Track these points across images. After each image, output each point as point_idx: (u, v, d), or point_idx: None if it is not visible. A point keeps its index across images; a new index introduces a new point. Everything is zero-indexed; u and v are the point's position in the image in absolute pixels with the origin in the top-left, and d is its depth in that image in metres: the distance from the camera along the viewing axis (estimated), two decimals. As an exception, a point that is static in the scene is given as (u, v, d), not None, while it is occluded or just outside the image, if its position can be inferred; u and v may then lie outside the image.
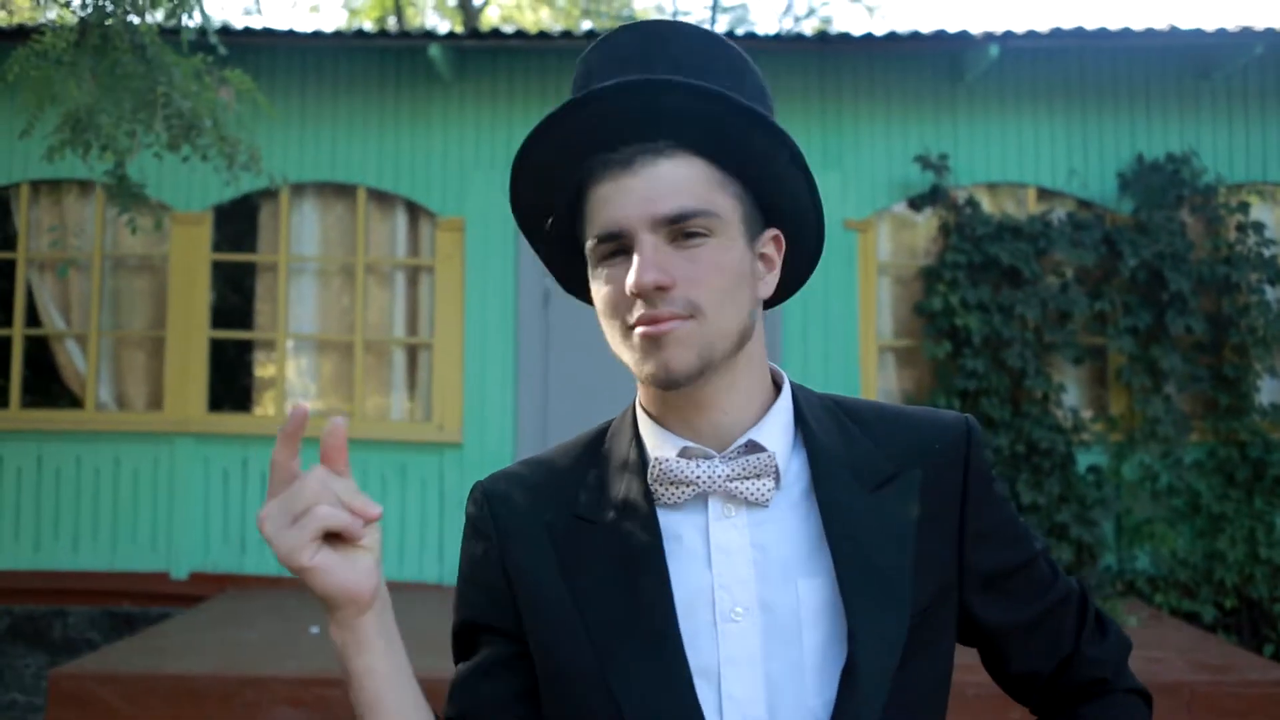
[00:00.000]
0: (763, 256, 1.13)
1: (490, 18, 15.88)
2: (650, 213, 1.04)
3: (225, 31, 5.92)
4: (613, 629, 1.09)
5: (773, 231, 1.15)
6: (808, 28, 15.48)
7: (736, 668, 1.07)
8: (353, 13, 16.71)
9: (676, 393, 1.09)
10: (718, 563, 1.10)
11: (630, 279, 1.03)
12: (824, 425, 1.16)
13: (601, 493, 1.16)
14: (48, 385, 7.06)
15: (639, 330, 1.05)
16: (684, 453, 1.13)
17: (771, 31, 6.62)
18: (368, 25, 15.59)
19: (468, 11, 13.72)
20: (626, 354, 1.09)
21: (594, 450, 1.20)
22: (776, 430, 1.13)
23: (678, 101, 1.04)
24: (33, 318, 6.82)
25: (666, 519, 1.13)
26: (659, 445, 1.15)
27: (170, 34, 4.53)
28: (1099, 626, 1.22)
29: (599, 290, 1.09)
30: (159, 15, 4.27)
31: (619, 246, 1.07)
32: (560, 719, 1.12)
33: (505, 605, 1.15)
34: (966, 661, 1.26)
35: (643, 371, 1.07)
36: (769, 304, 1.19)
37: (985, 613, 1.16)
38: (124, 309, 6.88)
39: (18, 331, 6.69)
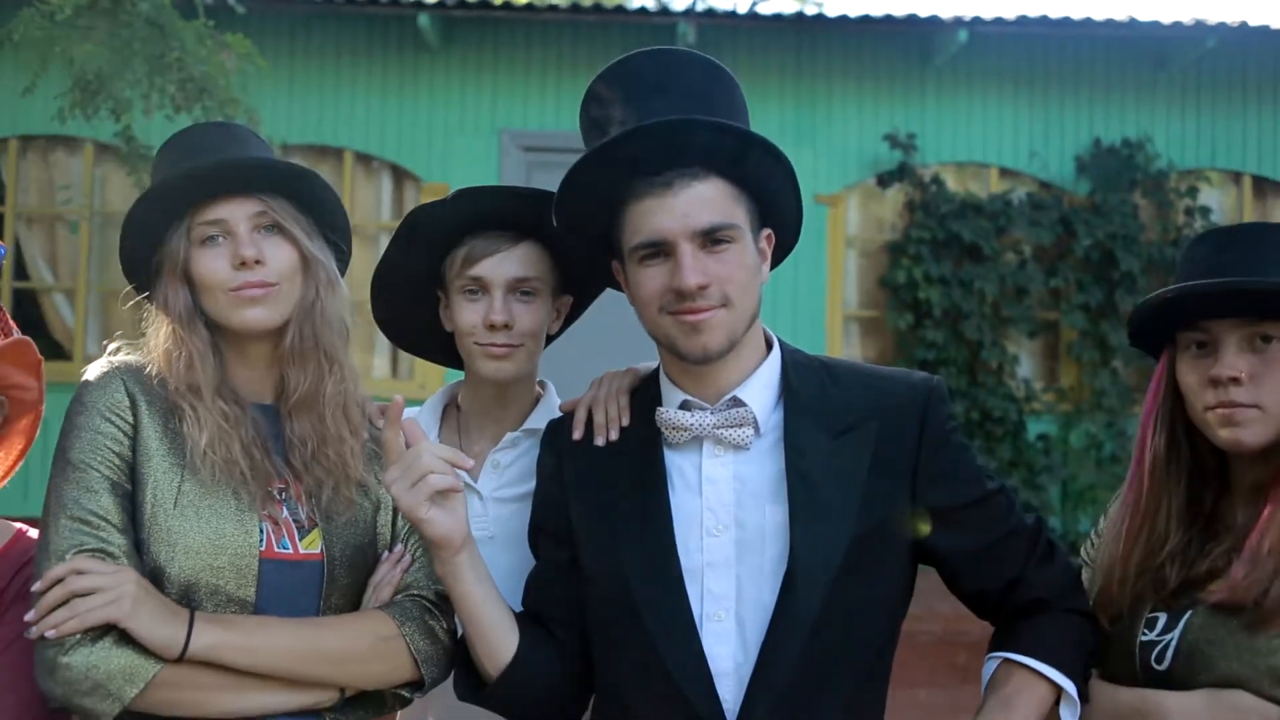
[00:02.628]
0: (760, 251, 1.43)
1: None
2: (689, 226, 1.34)
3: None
4: (630, 536, 1.42)
5: (767, 231, 1.45)
6: (781, 7, 15.65)
7: (715, 570, 1.40)
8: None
9: (702, 362, 1.39)
10: (706, 491, 1.43)
11: (681, 280, 1.32)
12: (805, 383, 1.46)
13: (630, 429, 1.49)
14: (34, 337, 7.17)
15: (685, 318, 1.35)
16: (684, 405, 1.44)
17: (747, 10, 6.84)
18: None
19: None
20: (662, 331, 1.39)
21: (634, 394, 1.53)
22: (758, 388, 1.44)
23: (708, 137, 1.33)
24: (20, 271, 6.94)
25: (671, 456, 1.46)
26: (668, 398, 1.47)
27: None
28: (1048, 556, 1.48)
29: (641, 283, 1.39)
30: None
31: (658, 251, 1.36)
32: (592, 601, 1.46)
33: (561, 512, 1.49)
34: (915, 612, 1.53)
35: (683, 349, 1.37)
36: None
37: (937, 539, 1.45)
38: (112, 264, 7.02)
39: (5, 284, 6.81)
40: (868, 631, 1.40)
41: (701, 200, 1.34)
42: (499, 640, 1.43)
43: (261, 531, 1.44)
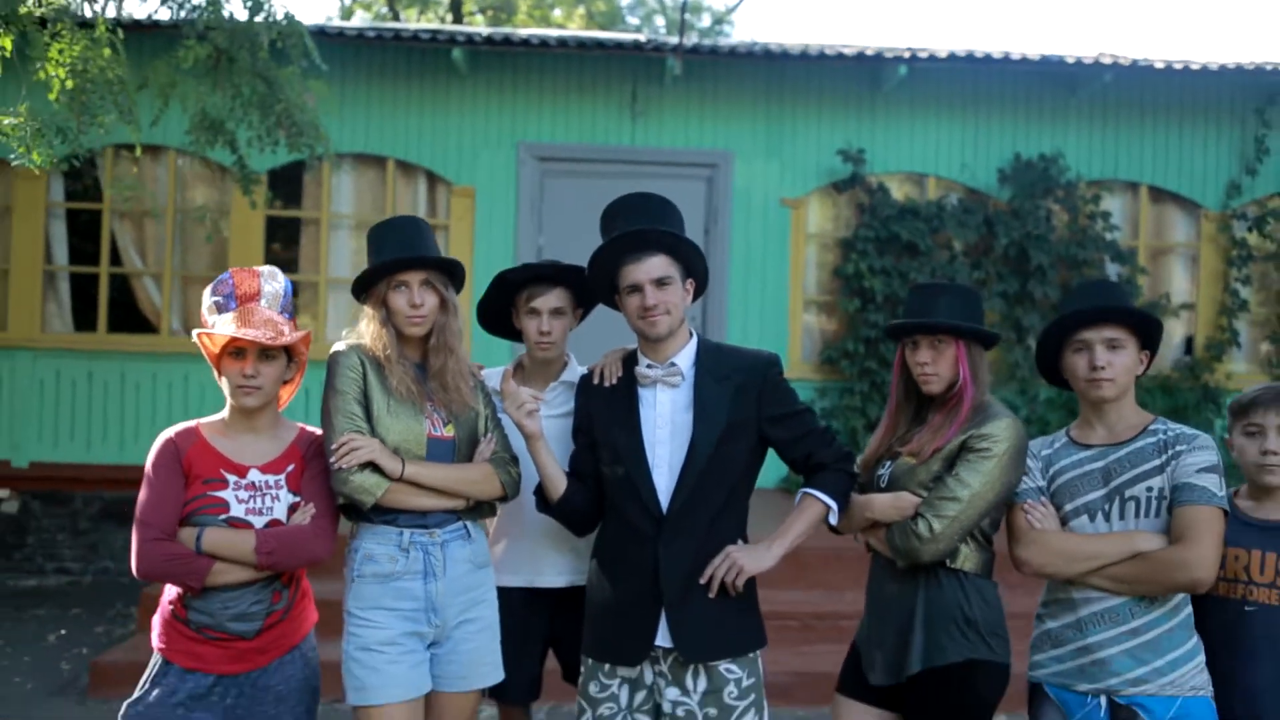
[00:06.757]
0: (686, 291, 2.81)
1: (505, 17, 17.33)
2: (650, 276, 2.72)
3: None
4: (620, 430, 2.81)
5: (690, 280, 2.83)
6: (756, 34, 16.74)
7: (660, 445, 2.79)
8: (347, 10, 18.14)
9: (656, 342, 2.77)
10: (658, 408, 2.81)
11: (645, 302, 2.69)
12: (709, 354, 2.85)
13: (622, 379, 2.87)
14: (128, 315, 8.51)
15: (648, 318, 2.72)
16: (649, 365, 2.81)
17: (728, 45, 8.14)
18: (385, 24, 17.13)
19: (456, 12, 15.07)
20: (637, 327, 2.77)
21: (624, 361, 2.91)
22: (684, 357, 2.83)
23: (659, 237, 2.72)
24: (115, 258, 8.27)
25: (641, 390, 2.86)
26: (641, 362, 2.85)
27: (275, 50, 5.97)
28: (830, 442, 2.84)
29: (628, 304, 2.76)
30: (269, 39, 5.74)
31: (635, 289, 2.73)
32: (603, 460, 2.84)
33: (587, 420, 2.88)
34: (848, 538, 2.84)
35: (648, 334, 2.75)
36: None
37: (772, 432, 2.82)
38: (190, 253, 8.36)
39: (104, 269, 8.16)
40: (732, 474, 2.78)
41: (656, 265, 2.73)
42: (558, 482, 2.84)
43: (425, 424, 2.82)
